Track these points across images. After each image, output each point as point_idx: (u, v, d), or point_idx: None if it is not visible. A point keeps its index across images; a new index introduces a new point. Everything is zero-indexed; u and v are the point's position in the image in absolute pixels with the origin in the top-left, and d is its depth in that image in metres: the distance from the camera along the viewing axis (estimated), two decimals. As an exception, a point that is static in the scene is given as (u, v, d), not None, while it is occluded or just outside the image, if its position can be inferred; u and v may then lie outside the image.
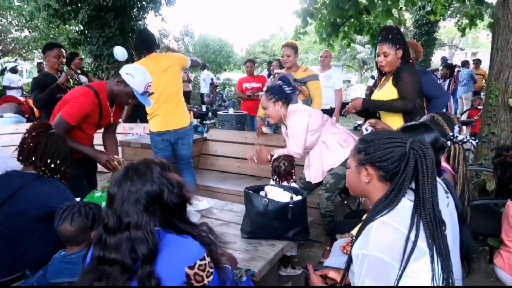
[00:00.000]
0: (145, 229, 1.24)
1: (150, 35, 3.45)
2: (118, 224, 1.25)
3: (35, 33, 12.43)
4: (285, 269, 2.84)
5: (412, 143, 1.31)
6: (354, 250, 1.36)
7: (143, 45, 3.34)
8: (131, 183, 1.28)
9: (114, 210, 1.26)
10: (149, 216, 1.26)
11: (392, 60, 2.67)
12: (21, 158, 2.02)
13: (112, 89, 2.59)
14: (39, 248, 1.90)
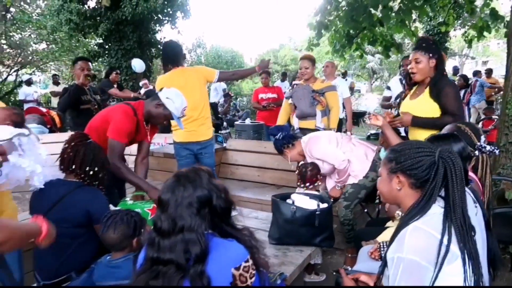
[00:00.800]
0: (198, 231, 1.35)
1: (176, 48, 3.52)
2: (173, 227, 1.35)
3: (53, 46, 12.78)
4: (309, 276, 2.92)
5: (441, 152, 1.40)
6: (389, 254, 1.44)
7: (169, 58, 3.45)
8: (183, 188, 1.39)
9: (168, 214, 1.37)
10: (200, 220, 1.37)
11: (424, 69, 2.60)
12: (62, 167, 2.14)
13: (150, 110, 2.71)
14: (83, 252, 2.01)
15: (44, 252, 1.99)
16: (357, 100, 16.18)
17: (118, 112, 2.66)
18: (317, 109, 4.05)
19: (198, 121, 3.40)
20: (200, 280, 1.33)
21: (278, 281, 1.84)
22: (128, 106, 2.70)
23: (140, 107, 2.73)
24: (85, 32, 8.73)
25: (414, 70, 2.64)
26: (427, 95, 2.64)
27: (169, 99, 2.67)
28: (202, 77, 3.44)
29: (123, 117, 2.62)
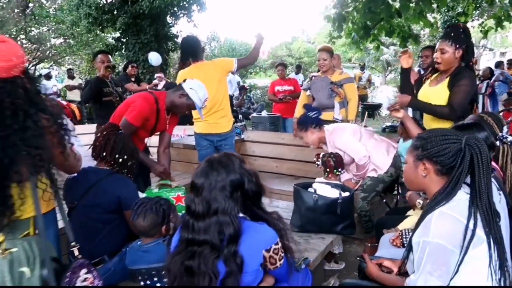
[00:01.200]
0: (231, 214, 1.41)
1: (195, 42, 3.55)
2: (207, 209, 1.42)
3: (71, 40, 12.98)
4: (328, 264, 2.97)
5: (467, 139, 1.43)
6: (414, 239, 1.48)
7: (189, 53, 3.48)
8: (217, 173, 1.45)
9: (202, 197, 1.44)
10: (233, 202, 1.44)
11: (449, 59, 2.57)
12: (94, 155, 2.23)
13: (174, 100, 2.80)
14: (114, 237, 2.10)
15: (78, 237, 2.09)
16: (371, 93, 16.03)
17: (138, 97, 2.77)
18: (335, 101, 4.07)
19: (219, 114, 3.45)
20: (234, 260, 1.40)
21: (303, 266, 1.90)
22: (150, 94, 2.79)
23: (162, 97, 2.81)
24: (103, 26, 8.87)
25: (439, 60, 2.62)
26: (445, 84, 2.63)
27: (193, 89, 2.75)
28: (221, 69, 3.47)
29: (142, 102, 2.71)
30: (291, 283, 1.78)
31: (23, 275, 1.35)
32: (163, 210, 1.93)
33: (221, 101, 3.47)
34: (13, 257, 1.35)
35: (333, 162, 2.80)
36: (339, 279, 2.70)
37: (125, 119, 2.66)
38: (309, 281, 1.92)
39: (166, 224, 1.94)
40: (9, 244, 1.36)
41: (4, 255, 1.33)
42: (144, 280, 1.85)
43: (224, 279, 1.42)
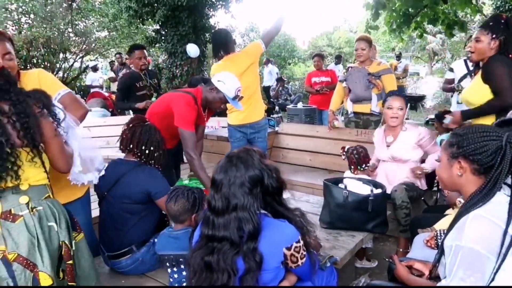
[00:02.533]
0: (250, 210, 1.39)
1: (226, 35, 3.51)
2: (227, 205, 1.40)
3: (114, 33, 13.40)
4: (360, 261, 2.88)
5: (509, 136, 1.31)
6: (446, 242, 1.39)
7: (220, 46, 3.46)
8: (236, 169, 1.43)
9: (222, 193, 1.42)
10: (252, 199, 1.41)
11: (483, 49, 2.44)
12: (121, 147, 2.27)
13: (207, 96, 2.78)
14: (142, 227, 2.13)
15: (108, 226, 2.16)
16: (415, 84, 15.40)
17: (181, 102, 2.72)
18: (373, 93, 3.92)
19: (251, 99, 3.42)
20: (253, 257, 1.37)
21: (328, 264, 1.84)
22: (189, 96, 2.76)
23: (199, 94, 2.80)
24: (143, 19, 9.06)
25: (472, 49, 2.50)
26: (479, 78, 2.48)
27: (220, 81, 2.72)
28: (252, 56, 3.43)
29: (187, 107, 2.69)
30: (315, 281, 1.73)
31: (52, 229, 1.52)
32: (195, 198, 1.95)
33: (255, 91, 3.45)
34: (41, 214, 1.50)
35: (355, 158, 2.71)
36: (370, 278, 2.60)
37: (183, 131, 2.66)
38: (334, 279, 1.86)
39: (197, 212, 1.94)
40: (36, 203, 1.51)
41: (33, 212, 1.48)
42: (171, 267, 1.87)
43: (243, 276, 1.39)
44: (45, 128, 1.52)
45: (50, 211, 1.54)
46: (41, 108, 1.51)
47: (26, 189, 1.50)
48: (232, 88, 2.73)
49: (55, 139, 1.57)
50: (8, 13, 11.40)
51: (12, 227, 1.44)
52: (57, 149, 1.60)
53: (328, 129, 4.25)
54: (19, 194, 1.48)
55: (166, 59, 9.56)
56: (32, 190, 1.52)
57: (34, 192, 1.52)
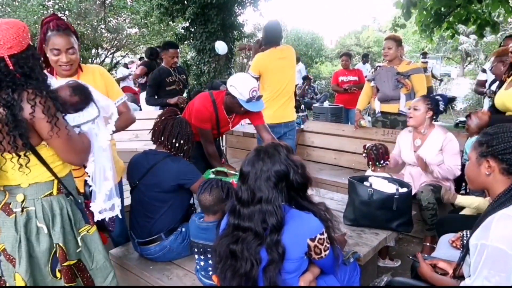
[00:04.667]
0: (274, 204, 1.43)
1: (275, 28, 3.56)
2: (252, 197, 1.45)
3: (145, 30, 13.71)
4: (383, 260, 2.88)
5: None
6: (472, 241, 1.39)
7: (267, 38, 3.54)
8: (262, 163, 1.47)
9: (248, 185, 1.47)
10: (277, 193, 1.45)
11: None
12: (153, 139, 2.35)
13: (226, 101, 2.78)
14: (170, 216, 2.21)
15: (138, 214, 2.25)
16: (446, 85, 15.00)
17: (196, 101, 2.85)
18: (401, 92, 3.88)
19: (288, 101, 3.49)
20: (276, 249, 1.42)
21: (351, 260, 1.86)
22: (207, 95, 2.84)
23: (220, 98, 2.81)
24: (173, 16, 9.24)
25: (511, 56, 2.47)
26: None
27: (232, 86, 2.64)
28: (294, 57, 3.56)
29: (199, 106, 2.80)
30: (338, 275, 1.76)
31: (41, 231, 1.53)
32: (228, 188, 1.99)
33: (289, 88, 3.52)
34: (30, 215, 1.52)
35: (374, 155, 2.72)
36: (393, 277, 2.60)
37: (199, 129, 2.78)
38: (357, 275, 1.88)
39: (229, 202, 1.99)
40: (30, 203, 1.53)
41: (22, 213, 1.51)
42: (199, 254, 1.94)
43: (266, 266, 1.44)
44: (39, 130, 1.45)
45: (43, 212, 1.53)
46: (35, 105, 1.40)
47: (25, 186, 1.52)
48: (244, 91, 2.59)
49: (55, 137, 1.46)
50: (45, 10, 11.84)
51: (6, 221, 1.52)
52: (60, 146, 1.51)
53: (354, 128, 4.24)
54: (20, 190, 1.52)
55: (194, 56, 9.73)
56: (32, 188, 1.53)
57: (33, 190, 1.53)
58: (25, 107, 1.40)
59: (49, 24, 2.00)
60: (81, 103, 1.66)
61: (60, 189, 1.60)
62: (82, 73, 2.17)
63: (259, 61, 3.44)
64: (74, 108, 1.64)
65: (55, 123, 1.44)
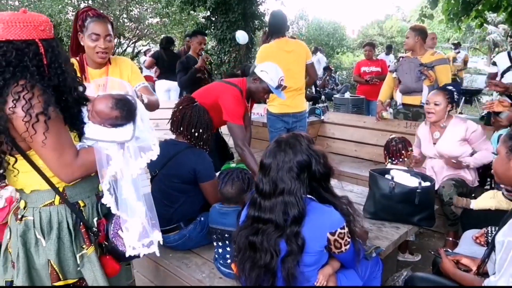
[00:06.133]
0: (297, 195, 1.42)
1: (283, 19, 3.54)
2: (274, 189, 1.45)
3: (166, 19, 13.74)
4: (402, 254, 2.84)
5: None
6: (498, 237, 1.36)
7: (274, 28, 3.50)
8: (284, 154, 1.46)
9: (270, 177, 1.46)
10: (299, 183, 1.44)
11: None
12: (172, 129, 2.35)
13: (250, 86, 2.85)
14: (190, 206, 2.22)
15: (158, 203, 2.25)
16: (471, 77, 14.56)
17: (229, 97, 2.80)
18: (424, 84, 3.79)
19: (296, 93, 3.44)
20: (295, 241, 1.41)
21: (374, 254, 1.84)
22: (236, 90, 2.83)
23: (244, 86, 2.86)
24: (194, 5, 9.24)
25: None
26: None
27: (264, 71, 2.75)
28: (305, 52, 3.48)
29: (236, 102, 2.78)
30: (359, 270, 1.74)
31: (39, 242, 1.41)
32: (248, 178, 2.01)
33: (298, 77, 3.47)
34: (29, 224, 1.41)
35: (394, 146, 2.65)
36: (413, 272, 2.56)
37: (232, 125, 2.77)
38: (379, 270, 1.86)
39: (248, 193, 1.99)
40: (28, 212, 1.42)
41: (21, 221, 1.41)
42: (217, 240, 1.96)
43: (284, 257, 1.44)
44: (16, 128, 1.27)
45: (41, 223, 1.41)
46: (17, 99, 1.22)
47: (28, 192, 1.42)
48: (275, 77, 2.74)
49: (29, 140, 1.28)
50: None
51: (13, 226, 1.45)
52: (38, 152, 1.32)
53: (376, 119, 4.17)
54: (24, 195, 1.44)
55: (215, 45, 9.72)
56: (33, 195, 1.42)
57: (33, 197, 1.42)
58: (8, 100, 1.23)
59: (88, 12, 2.08)
60: (120, 120, 1.46)
61: (63, 199, 1.44)
62: (111, 66, 2.24)
63: (263, 52, 3.42)
64: (110, 122, 1.45)
65: (32, 125, 1.23)
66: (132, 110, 1.49)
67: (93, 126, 1.45)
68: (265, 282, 1.47)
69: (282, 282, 1.47)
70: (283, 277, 1.45)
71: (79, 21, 2.09)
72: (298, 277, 1.46)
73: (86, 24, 2.07)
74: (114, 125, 1.46)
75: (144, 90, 2.25)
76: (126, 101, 1.49)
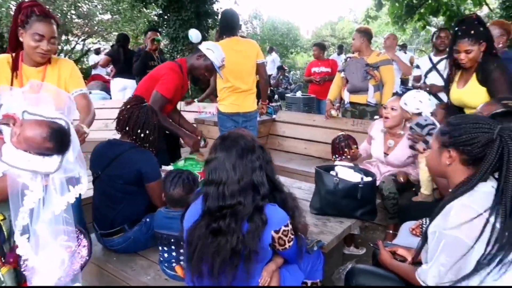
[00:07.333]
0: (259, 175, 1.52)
1: (233, 18, 3.53)
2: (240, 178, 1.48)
3: (117, 16, 13.32)
4: (348, 248, 2.94)
5: (501, 130, 1.31)
6: (430, 228, 1.42)
7: (226, 27, 3.51)
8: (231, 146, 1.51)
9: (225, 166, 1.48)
10: (259, 170, 1.52)
11: (475, 57, 2.53)
12: (117, 128, 2.26)
13: (193, 63, 2.90)
14: (134, 207, 2.17)
15: (101, 205, 2.19)
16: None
17: (166, 69, 2.85)
18: (370, 84, 3.94)
19: (246, 93, 3.47)
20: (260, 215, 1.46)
21: (315, 248, 1.88)
22: (174, 63, 2.87)
23: (184, 63, 2.90)
24: (146, 3, 9.01)
25: (465, 61, 2.55)
26: (475, 81, 2.58)
27: (210, 49, 2.84)
28: (256, 52, 3.49)
29: (172, 74, 2.79)
30: (302, 264, 1.78)
31: None
32: (194, 179, 2.00)
33: (251, 81, 3.50)
34: None
35: (338, 144, 2.79)
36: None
37: (156, 93, 2.74)
38: (320, 263, 1.91)
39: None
40: None
41: None
42: (162, 245, 1.93)
43: (247, 233, 1.44)
44: None
45: None
46: None
47: None
48: (220, 57, 2.88)
49: None
50: (11, -8, 11.30)
51: None
52: None
53: (325, 118, 4.28)
54: None
55: (167, 44, 9.53)
56: None
57: None
58: None
59: (34, 9, 1.94)
60: (50, 151, 1.35)
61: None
62: (50, 66, 2.14)
63: None
64: (38, 151, 1.33)
65: None
66: (66, 143, 1.38)
67: (15, 150, 1.31)
68: (229, 266, 1.45)
69: (242, 264, 1.46)
70: (245, 256, 1.44)
71: (22, 15, 1.95)
72: (259, 253, 1.47)
73: (30, 21, 1.94)
74: (41, 154, 1.33)
75: (81, 99, 2.19)
76: (62, 132, 1.37)
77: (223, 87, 3.48)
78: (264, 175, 1.50)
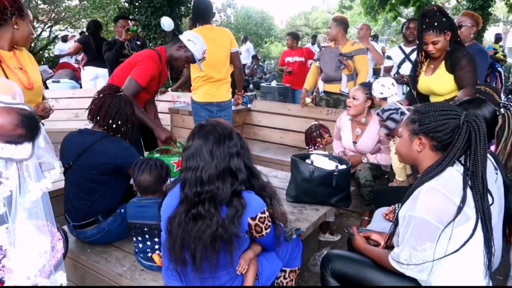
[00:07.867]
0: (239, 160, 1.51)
1: (207, 5, 3.48)
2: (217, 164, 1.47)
3: (85, 2, 12.87)
4: (323, 235, 2.99)
5: (466, 115, 1.38)
6: (401, 213, 1.47)
7: (199, 15, 3.46)
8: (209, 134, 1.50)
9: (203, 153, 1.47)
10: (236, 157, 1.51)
11: (443, 46, 2.60)
12: (89, 116, 2.19)
13: (172, 53, 2.80)
14: (108, 198, 2.11)
15: (73, 196, 2.13)
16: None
17: (143, 56, 2.75)
18: (343, 73, 3.98)
19: (220, 82, 3.44)
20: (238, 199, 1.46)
21: (294, 236, 1.89)
22: (153, 51, 2.78)
23: (163, 52, 2.81)
24: (116, -12, 8.75)
25: (434, 52, 2.63)
26: (443, 69, 2.66)
27: (191, 41, 2.77)
28: (229, 41, 3.46)
29: (149, 61, 2.69)
30: (280, 252, 1.79)
31: None
32: (166, 167, 1.96)
33: (225, 71, 3.47)
34: None
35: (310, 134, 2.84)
36: (332, 250, 2.71)
37: (130, 79, 2.65)
38: (299, 251, 1.93)
39: (166, 183, 1.94)
40: None
41: None
42: (137, 235, 1.90)
43: (225, 218, 1.44)
44: None
45: None
46: None
47: None
48: (200, 49, 2.81)
49: None
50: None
51: None
52: None
53: (300, 106, 4.30)
54: None
55: (139, 31, 9.27)
56: None
57: None
58: None
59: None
60: (23, 139, 1.29)
61: None
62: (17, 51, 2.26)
63: None
64: (9, 139, 1.26)
65: None
66: (36, 129, 1.33)
67: None
68: (211, 251, 1.44)
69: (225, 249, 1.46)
70: (225, 240, 1.44)
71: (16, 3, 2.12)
72: (240, 236, 1.48)
73: (25, 10, 2.16)
74: (12, 143, 1.27)
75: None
76: (32, 118, 1.32)
77: (197, 76, 3.44)
78: (241, 161, 1.50)
